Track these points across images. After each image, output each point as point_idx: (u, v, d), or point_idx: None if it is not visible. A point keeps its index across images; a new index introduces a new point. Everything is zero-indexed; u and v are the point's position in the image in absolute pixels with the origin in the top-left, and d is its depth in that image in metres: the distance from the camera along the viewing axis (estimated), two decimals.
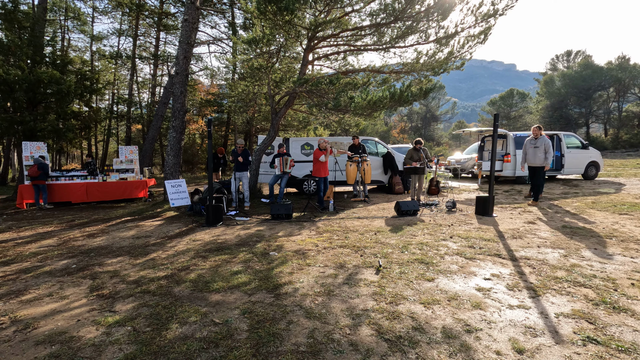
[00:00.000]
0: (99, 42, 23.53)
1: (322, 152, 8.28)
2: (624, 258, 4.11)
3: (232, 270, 4.07)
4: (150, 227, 6.76)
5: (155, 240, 5.68)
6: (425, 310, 2.93)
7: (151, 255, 4.79)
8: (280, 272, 3.97)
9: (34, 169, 9.37)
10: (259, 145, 9.95)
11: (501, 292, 3.26)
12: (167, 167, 9.08)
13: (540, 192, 9.38)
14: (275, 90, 9.51)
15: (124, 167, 11.03)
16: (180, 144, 9.16)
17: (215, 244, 5.31)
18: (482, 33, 8.25)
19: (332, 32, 8.73)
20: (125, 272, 4.14)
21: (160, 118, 14.09)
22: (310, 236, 5.65)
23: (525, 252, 4.45)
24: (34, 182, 9.53)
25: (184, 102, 9.09)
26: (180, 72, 9.03)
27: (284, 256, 4.56)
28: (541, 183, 9.36)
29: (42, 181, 9.59)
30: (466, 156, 16.34)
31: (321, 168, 8.34)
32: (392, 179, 11.13)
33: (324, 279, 3.73)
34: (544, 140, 7.67)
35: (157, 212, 8.42)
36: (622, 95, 44.89)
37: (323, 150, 8.31)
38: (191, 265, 4.29)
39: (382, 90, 7.43)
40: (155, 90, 22.96)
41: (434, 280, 3.60)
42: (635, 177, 13.20)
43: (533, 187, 8.30)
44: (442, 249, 4.68)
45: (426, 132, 58.15)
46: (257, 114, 17.89)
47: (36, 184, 9.56)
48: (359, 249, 4.77)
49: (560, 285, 3.39)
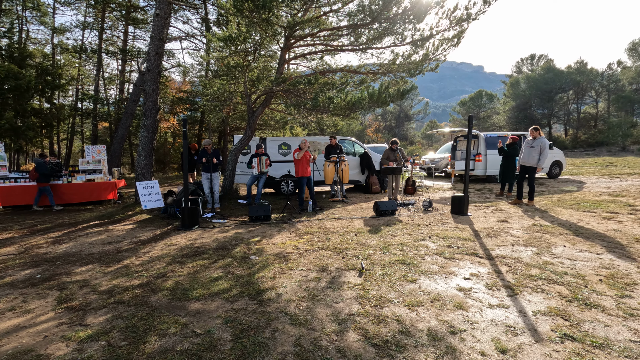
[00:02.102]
0: (61, 34, 22.21)
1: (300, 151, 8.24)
2: (590, 255, 4.34)
3: (211, 276, 3.94)
4: (122, 231, 6.45)
5: (127, 245, 5.42)
6: (410, 313, 2.95)
7: (124, 262, 4.56)
8: (262, 277, 3.88)
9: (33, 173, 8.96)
10: (236, 145, 9.75)
11: (481, 292, 3.35)
12: (139, 167, 8.71)
13: (510, 190, 9.80)
14: (251, 89, 9.34)
15: (91, 167, 10.47)
16: (152, 143, 8.80)
17: (192, 248, 5.13)
18: (455, 36, 8.47)
19: (309, 32, 8.68)
20: (96, 281, 3.91)
21: (130, 116, 13.49)
22: (290, 238, 5.59)
23: (500, 250, 4.61)
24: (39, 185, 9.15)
25: (156, 100, 8.74)
26: (152, 68, 8.67)
27: (265, 260, 4.47)
28: (511, 182, 9.78)
29: (43, 183, 9.08)
30: (439, 156, 16.79)
31: (302, 167, 8.27)
32: (369, 179, 11.24)
33: (307, 283, 3.69)
34: (541, 142, 7.65)
35: (128, 215, 8.05)
36: (581, 97, 47.74)
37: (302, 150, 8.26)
38: (168, 272, 4.12)
39: (361, 91, 7.46)
40: (123, 87, 22.00)
41: (416, 281, 3.64)
42: (594, 175, 14.04)
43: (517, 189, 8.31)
44: (421, 249, 4.76)
45: (400, 131, 59.33)
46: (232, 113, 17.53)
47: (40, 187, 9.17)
48: (341, 251, 4.76)
49: (536, 283, 3.52)
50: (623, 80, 44.50)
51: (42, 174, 8.97)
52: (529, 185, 7.99)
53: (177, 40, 18.48)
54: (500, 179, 9.94)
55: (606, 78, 45.75)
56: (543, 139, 7.72)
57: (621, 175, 13.63)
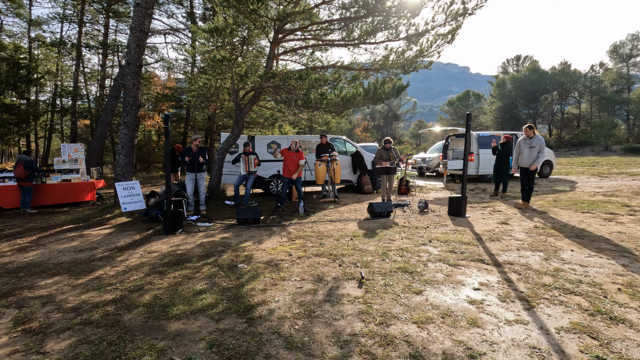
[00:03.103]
0: (38, 27, 21.19)
1: (288, 152, 7.89)
2: (600, 260, 4.10)
3: (195, 288, 3.53)
4: (97, 236, 5.94)
5: (102, 253, 4.94)
6: (420, 332, 2.62)
7: (96, 273, 4.10)
8: (251, 289, 3.50)
9: (20, 169, 8.16)
10: (223, 144, 9.29)
11: (495, 305, 3.04)
12: (118, 167, 8.17)
13: (505, 190, 9.63)
14: (239, 85, 8.90)
15: (67, 167, 9.84)
16: (133, 141, 8.27)
17: (174, 255, 4.70)
18: (450, 33, 8.22)
19: (300, 25, 8.29)
20: (62, 296, 3.46)
21: (110, 113, 12.83)
22: (282, 243, 5.20)
23: (506, 256, 4.33)
24: (20, 184, 8.37)
25: (136, 96, 8.21)
26: (132, 62, 8.13)
27: (254, 269, 4.08)
28: (505, 182, 9.61)
29: (29, 182, 8.39)
30: (430, 155, 16.63)
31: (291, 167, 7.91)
32: (361, 179, 10.93)
33: (302, 296, 3.32)
34: (539, 140, 7.28)
35: (106, 218, 7.52)
36: (564, 98, 48.66)
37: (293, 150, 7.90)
38: (145, 284, 3.69)
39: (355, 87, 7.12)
40: (104, 83, 21.12)
41: (422, 292, 3.32)
42: (584, 174, 14.09)
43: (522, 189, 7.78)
44: (423, 254, 4.45)
45: (388, 130, 59.42)
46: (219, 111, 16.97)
47: (22, 186, 8.39)
48: (337, 258, 4.41)
49: (551, 293, 3.24)
50: (605, 81, 45.54)
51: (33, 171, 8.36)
52: (528, 185, 7.56)
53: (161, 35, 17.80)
54: (494, 178, 9.76)
55: (589, 79, 46.70)
56: (540, 136, 7.37)
57: (610, 174, 13.70)
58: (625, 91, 45.61)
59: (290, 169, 7.96)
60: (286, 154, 7.95)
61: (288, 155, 7.93)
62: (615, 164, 19.08)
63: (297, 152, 7.99)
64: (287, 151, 7.99)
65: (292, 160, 7.91)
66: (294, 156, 7.95)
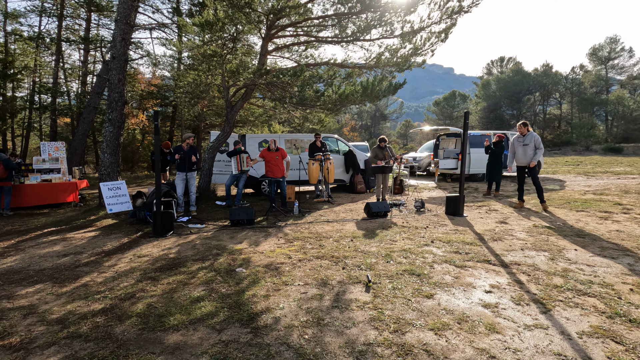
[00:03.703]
0: (15, 20, 20.26)
1: (268, 152, 7.65)
2: (605, 260, 4.06)
3: (192, 295, 3.30)
4: (82, 240, 5.60)
5: (88, 257, 4.63)
6: (438, 340, 2.48)
7: (83, 280, 3.81)
8: (253, 295, 3.29)
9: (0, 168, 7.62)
10: (213, 142, 9.00)
11: (510, 308, 2.93)
12: (103, 166, 7.80)
13: (498, 190, 9.65)
14: (229, 81, 8.63)
15: (48, 166, 9.35)
16: (118, 139, 7.91)
17: (167, 259, 4.44)
18: (443, 31, 8.16)
19: (295, 20, 8.08)
20: (45, 306, 3.18)
21: (93, 110, 12.32)
22: (279, 245, 5.00)
23: (512, 256, 4.25)
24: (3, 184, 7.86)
25: (122, 92, 7.85)
26: (117, 56, 7.77)
27: (254, 273, 3.87)
28: (498, 181, 9.64)
29: (8, 182, 7.89)
30: (420, 154, 16.66)
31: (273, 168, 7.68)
32: (353, 178, 10.80)
33: (308, 302, 3.14)
34: (533, 136, 7.06)
35: (90, 221, 7.14)
36: (546, 99, 49.88)
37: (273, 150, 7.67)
38: (138, 292, 3.43)
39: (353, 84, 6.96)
40: (86, 79, 20.37)
41: (433, 296, 3.18)
42: (570, 173, 14.35)
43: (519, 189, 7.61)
44: (428, 256, 4.32)
45: (375, 130, 59.67)
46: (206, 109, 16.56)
47: (1, 186, 7.89)
48: (339, 260, 4.24)
49: (565, 295, 3.15)
50: (585, 83, 46.86)
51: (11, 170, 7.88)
52: (535, 184, 7.15)
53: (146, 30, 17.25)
54: (487, 177, 9.79)
55: (569, 81, 47.98)
56: (534, 133, 7.17)
57: (595, 173, 13.99)
58: (604, 93, 47.06)
59: (273, 170, 7.72)
60: (266, 154, 7.71)
61: (268, 155, 7.70)
62: (598, 163, 19.56)
63: (277, 151, 7.76)
64: (267, 152, 7.75)
65: (274, 160, 7.68)
66: (275, 156, 7.71)
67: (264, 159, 7.68)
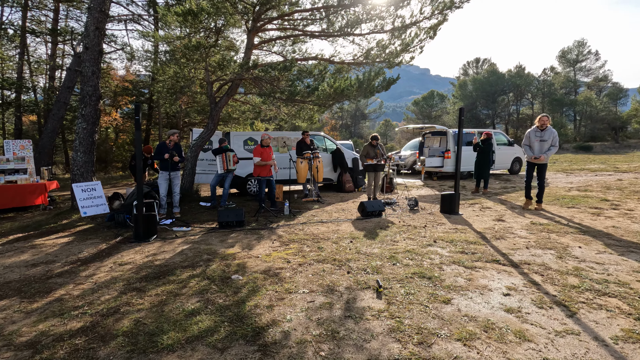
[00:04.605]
0: None
1: (263, 148, 7.26)
2: (612, 256, 4.00)
3: (185, 308, 2.95)
4: (53, 247, 5.07)
5: (61, 267, 4.15)
6: (469, 352, 2.25)
7: (57, 293, 3.37)
8: (255, 306, 2.97)
9: None
10: (196, 140, 8.52)
11: (534, 313, 2.75)
12: (76, 166, 7.19)
13: (486, 187, 9.67)
14: (214, 76, 8.18)
15: (13, 166, 8.58)
16: (93, 136, 7.32)
17: (152, 267, 4.03)
18: (432, 28, 8.06)
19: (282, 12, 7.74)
20: (13, 327, 2.74)
21: (63, 106, 11.49)
22: (275, 249, 4.68)
23: (519, 255, 4.12)
24: None
25: (97, 85, 7.27)
26: (91, 46, 7.18)
27: (252, 280, 3.54)
28: (487, 178, 9.65)
29: None
30: (405, 152, 16.66)
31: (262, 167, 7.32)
32: (341, 177, 10.57)
33: (317, 312, 2.85)
34: (553, 133, 6.37)
35: (62, 225, 6.54)
36: (519, 99, 51.61)
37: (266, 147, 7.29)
38: (122, 306, 3.04)
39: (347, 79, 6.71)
40: (54, 74, 19.13)
41: (451, 301, 2.97)
42: (549, 171, 14.69)
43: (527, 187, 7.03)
44: (434, 257, 4.13)
45: (355, 129, 59.94)
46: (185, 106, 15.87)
47: None
48: (342, 264, 3.97)
49: (585, 296, 3.02)
50: (555, 84, 48.80)
51: None
52: (539, 184, 6.75)
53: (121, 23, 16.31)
54: (475, 175, 9.79)
55: (541, 82, 49.82)
56: (553, 129, 6.42)
57: (573, 171, 14.41)
58: (573, 94, 49.16)
59: (266, 167, 7.36)
60: (262, 150, 7.29)
61: (265, 152, 7.30)
62: (573, 161, 20.25)
63: (268, 147, 7.41)
64: (261, 148, 7.35)
65: (269, 157, 7.31)
66: (269, 152, 7.36)
67: (262, 157, 7.21)
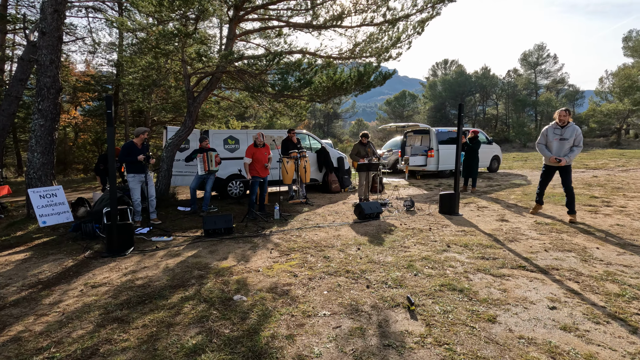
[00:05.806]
0: None
1: (256, 148, 6.69)
2: (633, 257, 3.83)
3: (184, 344, 2.38)
4: (6, 265, 4.25)
5: (17, 293, 3.40)
6: None
7: (12, 330, 2.67)
8: (271, 337, 2.45)
9: None
10: (172, 139, 7.76)
11: (594, 330, 2.44)
12: (32, 168, 6.26)
13: (474, 186, 9.58)
14: (191, 68, 7.48)
15: None
16: (52, 134, 6.41)
17: (134, 289, 3.38)
18: (421, 23, 7.83)
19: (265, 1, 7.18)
20: None
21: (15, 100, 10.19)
22: (275, 259, 4.15)
23: (543, 259, 3.86)
24: None
25: (56, 76, 6.36)
26: (48, 31, 6.26)
27: (259, 301, 3.01)
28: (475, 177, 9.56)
29: None
30: (385, 151, 16.50)
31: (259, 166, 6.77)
32: (327, 177, 10.14)
33: (349, 340, 2.38)
34: (575, 130, 5.36)
35: (16, 238, 5.61)
36: (485, 100, 53.66)
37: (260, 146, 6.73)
38: (101, 344, 2.42)
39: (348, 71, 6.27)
40: (3, 66, 17.29)
41: (496, 319, 2.61)
42: (525, 169, 15.06)
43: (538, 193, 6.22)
44: (454, 264, 3.78)
45: (329, 129, 59.75)
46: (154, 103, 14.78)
47: None
48: (358, 276, 3.52)
49: (634, 306, 2.76)
50: (518, 85, 51.13)
51: None
52: (566, 191, 5.60)
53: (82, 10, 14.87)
54: (463, 174, 9.68)
55: (505, 83, 52.05)
56: (575, 126, 5.43)
57: None
58: (534, 95, 51.72)
59: (259, 168, 6.81)
60: (255, 151, 6.72)
61: (258, 152, 6.74)
62: (538, 159, 21.04)
63: (263, 147, 6.87)
64: (254, 147, 6.79)
65: (263, 157, 6.77)
66: (263, 152, 6.81)
67: (253, 158, 6.63)
